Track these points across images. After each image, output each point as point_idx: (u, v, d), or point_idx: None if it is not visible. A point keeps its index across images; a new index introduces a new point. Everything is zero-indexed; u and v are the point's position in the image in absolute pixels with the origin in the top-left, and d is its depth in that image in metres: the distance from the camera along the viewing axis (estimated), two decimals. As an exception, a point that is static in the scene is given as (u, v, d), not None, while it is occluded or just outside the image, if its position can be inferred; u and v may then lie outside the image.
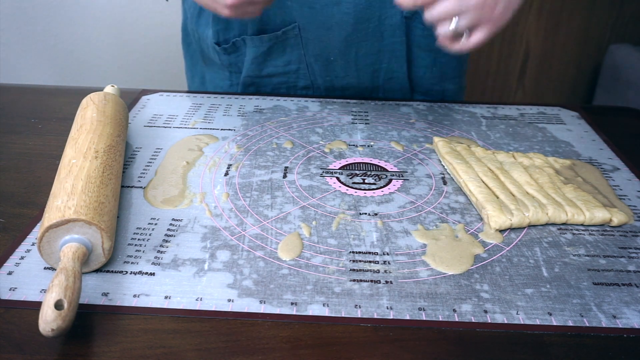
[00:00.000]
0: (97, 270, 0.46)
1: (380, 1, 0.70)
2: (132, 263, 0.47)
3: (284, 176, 0.61)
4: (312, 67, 0.78)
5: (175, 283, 0.45)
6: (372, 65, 0.78)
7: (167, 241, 0.50)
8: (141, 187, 0.58)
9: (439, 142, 0.66)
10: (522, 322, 0.43)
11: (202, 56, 0.87)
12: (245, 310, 0.43)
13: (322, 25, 0.70)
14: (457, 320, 0.43)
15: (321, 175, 0.61)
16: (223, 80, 0.85)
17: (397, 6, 0.56)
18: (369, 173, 0.62)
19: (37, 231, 0.51)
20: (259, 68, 0.81)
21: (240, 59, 0.81)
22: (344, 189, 0.59)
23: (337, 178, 0.61)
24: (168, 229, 0.52)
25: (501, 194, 0.55)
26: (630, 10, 1.84)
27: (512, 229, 0.53)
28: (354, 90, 0.81)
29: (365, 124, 0.73)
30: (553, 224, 0.54)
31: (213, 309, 0.43)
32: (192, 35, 0.86)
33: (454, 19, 0.54)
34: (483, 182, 0.58)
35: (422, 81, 0.82)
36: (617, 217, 0.54)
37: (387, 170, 0.62)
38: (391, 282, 0.46)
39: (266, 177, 0.60)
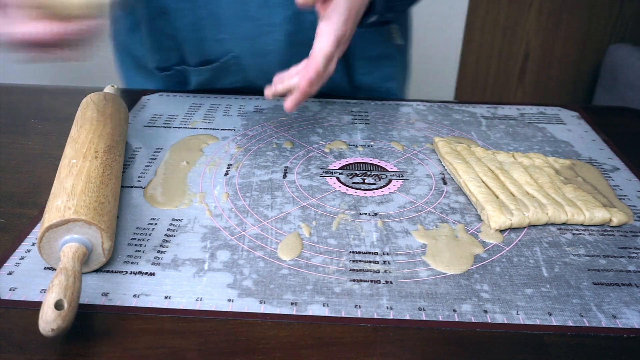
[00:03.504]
0: (97, 270, 0.46)
1: (311, 23, 0.70)
2: (132, 263, 0.47)
3: (284, 176, 0.61)
4: (256, 83, 0.78)
5: (175, 283, 0.45)
6: None
7: (167, 241, 0.50)
8: (141, 187, 0.58)
9: (439, 142, 0.66)
10: (522, 322, 0.43)
11: (137, 66, 0.85)
12: (245, 310, 0.43)
13: (258, 53, 0.72)
14: (457, 320, 0.43)
15: (321, 175, 0.61)
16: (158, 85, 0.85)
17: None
18: (369, 173, 0.62)
19: (37, 231, 0.51)
20: (207, 87, 0.81)
21: (184, 81, 0.81)
22: (344, 189, 0.59)
23: (337, 178, 0.61)
24: (168, 229, 0.52)
25: (501, 194, 0.55)
26: (630, 10, 1.84)
27: (512, 229, 0.53)
28: None
29: (365, 124, 0.73)
30: (553, 224, 0.54)
31: (213, 309, 0.43)
32: (124, 49, 0.84)
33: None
34: (483, 182, 0.58)
35: (364, 85, 0.84)
36: (617, 217, 0.54)
37: (387, 170, 0.63)
38: (391, 282, 0.46)
39: (266, 177, 0.60)
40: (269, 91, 0.58)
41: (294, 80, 0.57)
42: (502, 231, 0.53)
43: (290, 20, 0.68)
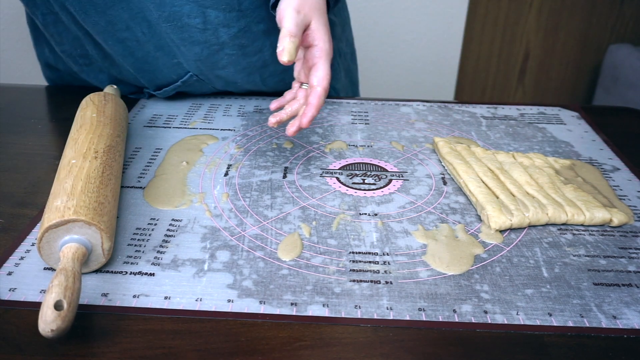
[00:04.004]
0: (97, 271, 0.46)
1: (263, 34, 0.70)
2: (132, 263, 0.47)
3: (284, 176, 0.61)
4: (227, 89, 0.78)
5: (175, 283, 0.45)
6: (278, 76, 0.78)
7: (166, 241, 0.50)
8: (141, 187, 0.58)
9: (439, 142, 0.66)
10: (522, 323, 0.43)
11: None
12: (245, 311, 0.43)
13: (215, 67, 0.71)
14: (457, 320, 0.43)
15: (321, 176, 0.61)
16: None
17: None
18: (368, 173, 0.62)
19: (37, 231, 0.51)
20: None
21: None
22: (343, 189, 0.59)
23: (337, 178, 0.61)
24: (168, 229, 0.52)
25: (501, 194, 0.55)
26: (630, 10, 1.84)
27: (512, 229, 0.53)
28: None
29: (365, 124, 0.73)
30: (553, 224, 0.54)
31: (213, 309, 0.43)
32: (64, 71, 0.81)
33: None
34: (483, 182, 0.58)
35: None
36: (617, 217, 0.54)
37: (387, 171, 0.62)
38: (391, 283, 0.46)
39: (266, 178, 0.60)
40: (274, 119, 0.59)
41: (296, 106, 0.59)
42: (502, 231, 0.53)
43: (236, 35, 0.68)
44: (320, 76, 0.57)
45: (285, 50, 0.54)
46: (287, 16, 0.56)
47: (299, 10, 0.56)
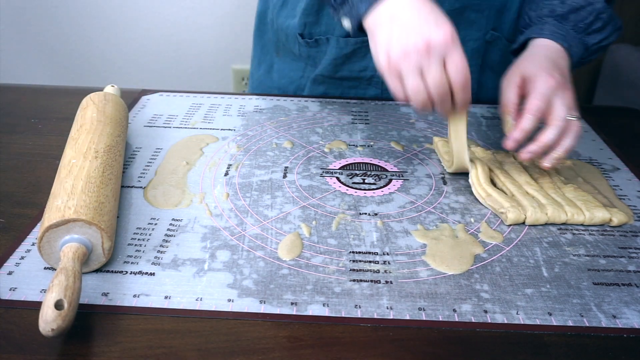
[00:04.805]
0: (97, 270, 0.46)
1: (466, 23, 0.69)
2: (132, 263, 0.47)
3: (284, 176, 0.61)
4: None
5: (175, 283, 0.45)
6: None
7: (167, 241, 0.50)
8: (141, 187, 0.58)
9: (439, 142, 0.66)
10: (522, 322, 0.43)
11: (276, 46, 0.86)
12: (245, 310, 0.43)
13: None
14: (457, 320, 0.43)
15: (321, 175, 0.61)
16: (295, 72, 0.85)
17: (479, 31, 0.56)
18: (369, 173, 0.62)
19: (37, 231, 0.51)
20: (335, 69, 0.80)
21: (320, 55, 0.81)
22: (344, 189, 0.59)
23: (337, 178, 0.61)
24: (168, 229, 0.52)
25: (516, 192, 0.56)
26: (630, 10, 1.84)
27: (512, 229, 0.53)
28: None
29: (365, 124, 0.73)
30: (553, 224, 0.54)
31: (213, 309, 0.43)
32: (270, 24, 0.85)
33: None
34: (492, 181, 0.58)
35: (487, 95, 0.83)
36: (617, 217, 0.54)
37: (387, 170, 0.62)
38: (391, 282, 0.46)
39: (266, 177, 0.60)
40: (527, 155, 0.56)
41: (549, 138, 0.55)
42: (501, 231, 0.53)
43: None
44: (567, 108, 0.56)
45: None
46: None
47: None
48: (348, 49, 0.77)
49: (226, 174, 0.61)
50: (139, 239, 0.50)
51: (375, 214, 0.55)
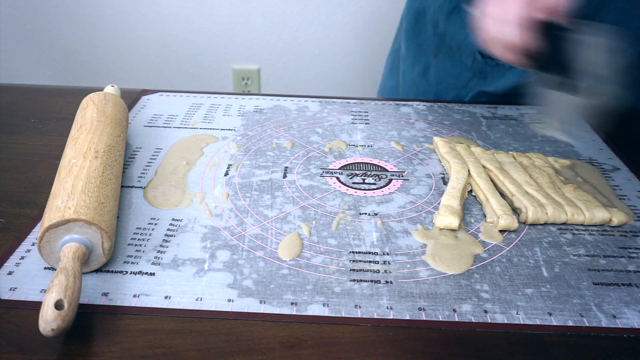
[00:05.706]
0: (97, 270, 0.46)
1: None
2: (132, 263, 0.47)
3: (284, 176, 0.61)
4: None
5: (175, 283, 0.45)
6: None
7: (167, 241, 0.50)
8: (141, 187, 0.58)
9: (439, 142, 0.66)
10: (522, 322, 0.43)
11: (437, 49, 0.81)
12: (245, 310, 0.43)
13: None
14: (457, 320, 0.43)
15: (321, 175, 0.61)
16: (458, 80, 0.80)
17: None
18: (369, 173, 0.62)
19: (37, 231, 0.51)
20: (510, 91, 0.76)
21: (495, 74, 0.76)
22: (344, 189, 0.59)
23: (337, 178, 0.61)
24: (168, 229, 0.52)
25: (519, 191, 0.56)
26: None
27: (512, 230, 0.53)
28: None
29: (365, 124, 0.73)
30: (553, 224, 0.54)
31: (213, 309, 0.43)
32: (433, 25, 0.80)
33: None
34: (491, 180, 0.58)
35: None
36: (617, 217, 0.54)
37: (387, 170, 0.62)
38: (391, 282, 0.46)
39: (266, 177, 0.60)
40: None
41: None
42: (502, 231, 0.53)
43: None
44: None
45: None
46: None
47: None
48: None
49: (226, 174, 0.61)
50: (139, 239, 0.50)
51: (375, 214, 0.55)
